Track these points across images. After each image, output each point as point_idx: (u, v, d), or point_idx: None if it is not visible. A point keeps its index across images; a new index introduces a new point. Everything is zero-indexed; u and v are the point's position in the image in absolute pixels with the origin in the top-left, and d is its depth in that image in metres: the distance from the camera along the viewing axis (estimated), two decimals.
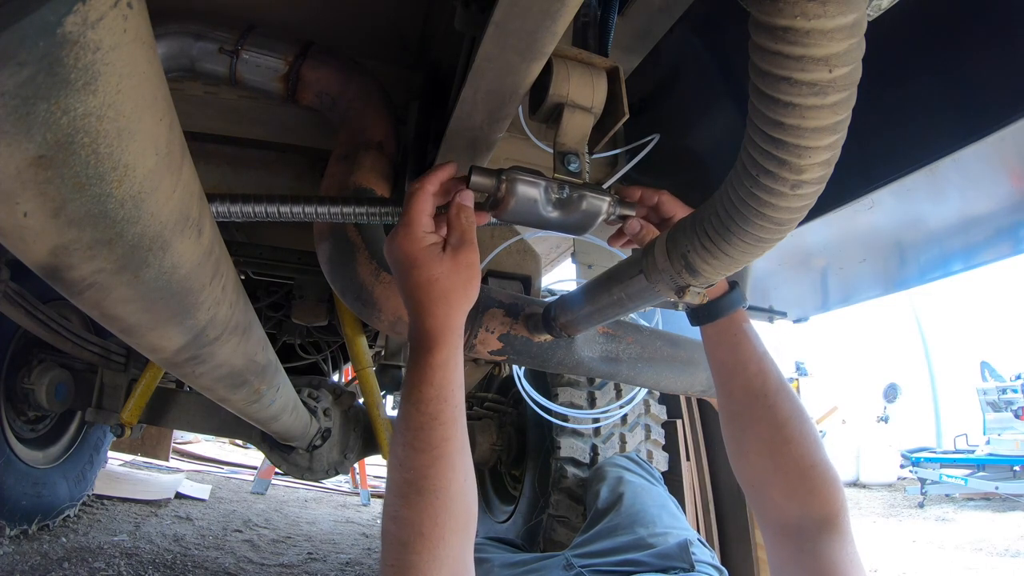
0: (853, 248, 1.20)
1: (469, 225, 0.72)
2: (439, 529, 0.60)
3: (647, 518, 1.48)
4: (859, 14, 0.39)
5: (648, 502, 1.57)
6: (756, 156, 0.48)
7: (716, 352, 0.84)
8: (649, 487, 1.68)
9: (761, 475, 0.77)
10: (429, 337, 0.67)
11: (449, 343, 0.67)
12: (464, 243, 0.71)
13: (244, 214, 0.80)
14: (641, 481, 1.69)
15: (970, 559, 5.22)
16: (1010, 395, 8.58)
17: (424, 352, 0.67)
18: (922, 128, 0.84)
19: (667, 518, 1.50)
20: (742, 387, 0.80)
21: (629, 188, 0.84)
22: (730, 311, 0.81)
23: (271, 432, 1.96)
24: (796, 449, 0.74)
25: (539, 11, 0.59)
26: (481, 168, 0.73)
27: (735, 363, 0.81)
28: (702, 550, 1.34)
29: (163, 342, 0.72)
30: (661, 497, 1.63)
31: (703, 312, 0.82)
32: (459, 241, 0.71)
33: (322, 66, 1.16)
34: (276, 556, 2.98)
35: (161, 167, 0.46)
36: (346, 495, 5.34)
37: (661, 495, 1.65)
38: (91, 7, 0.31)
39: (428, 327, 0.68)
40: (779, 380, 0.79)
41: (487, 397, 2.50)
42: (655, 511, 1.52)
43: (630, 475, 1.71)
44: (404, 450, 0.64)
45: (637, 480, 1.69)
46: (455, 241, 0.71)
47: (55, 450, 2.75)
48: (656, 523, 1.46)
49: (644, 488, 1.65)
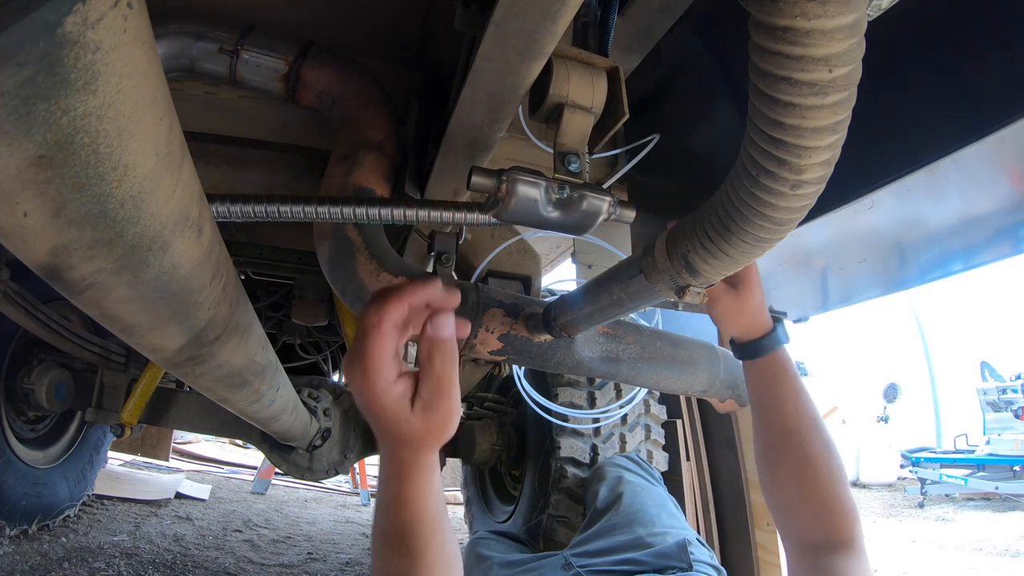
0: (853, 248, 1.20)
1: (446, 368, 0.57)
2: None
3: (646, 517, 1.49)
4: (859, 14, 0.39)
5: (647, 502, 1.57)
6: (756, 156, 0.48)
7: (756, 387, 0.89)
8: (648, 487, 1.68)
9: (788, 501, 0.84)
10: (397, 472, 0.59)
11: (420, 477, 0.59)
12: (440, 396, 0.57)
13: (244, 214, 0.80)
14: (641, 481, 1.70)
15: (970, 559, 5.22)
16: (1010, 395, 8.58)
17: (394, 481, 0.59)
18: (922, 128, 0.84)
19: (666, 517, 1.51)
20: (777, 423, 0.85)
21: None
22: (772, 350, 0.87)
23: (271, 432, 1.96)
24: (821, 483, 0.81)
25: (539, 11, 0.59)
26: (481, 168, 0.73)
27: (772, 400, 0.86)
28: (700, 550, 1.34)
29: (163, 342, 0.72)
30: (660, 497, 1.64)
31: (747, 349, 0.88)
32: (432, 395, 0.56)
33: (322, 66, 1.16)
34: (276, 556, 2.98)
35: (161, 167, 0.46)
36: (346, 495, 5.34)
37: (660, 495, 1.66)
38: (91, 7, 0.31)
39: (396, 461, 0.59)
40: (813, 419, 0.84)
41: (487, 397, 2.50)
42: (654, 511, 1.53)
43: (630, 475, 1.72)
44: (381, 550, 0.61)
45: (637, 480, 1.70)
46: (427, 395, 0.57)
47: (55, 450, 2.75)
48: (655, 522, 1.47)
49: (643, 488, 1.66)
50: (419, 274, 1.02)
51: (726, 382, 1.24)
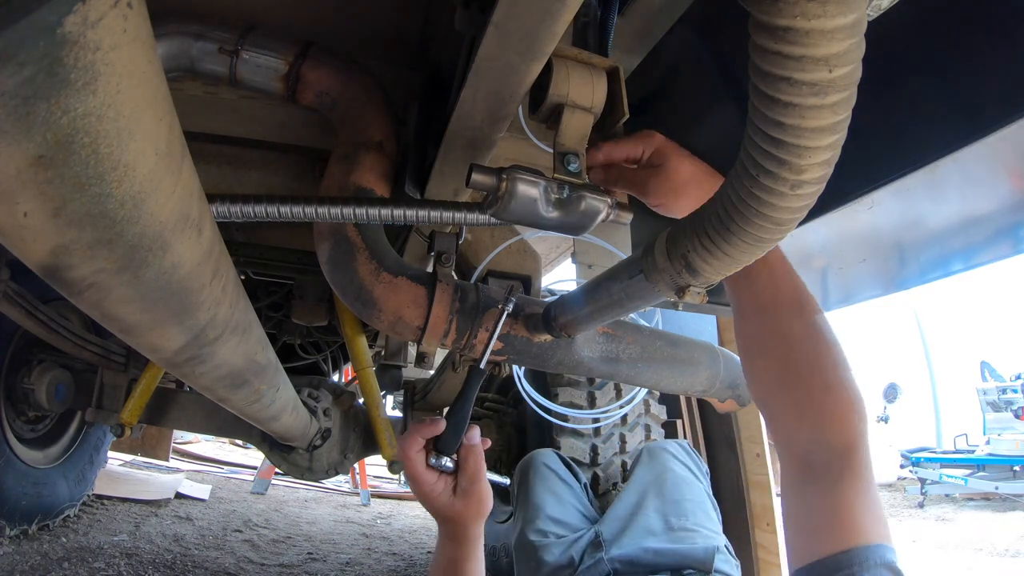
0: (853, 248, 1.20)
1: (478, 464, 0.83)
2: None
3: (680, 509, 1.48)
4: (859, 14, 0.39)
5: (687, 495, 1.55)
6: (756, 156, 0.48)
7: None
8: (692, 480, 1.64)
9: (768, 393, 0.72)
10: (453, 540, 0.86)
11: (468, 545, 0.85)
12: (474, 483, 0.82)
13: (244, 214, 0.80)
14: (685, 472, 1.66)
15: (970, 559, 5.22)
16: (1010, 395, 8.58)
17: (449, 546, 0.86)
18: (922, 128, 0.84)
19: (701, 516, 1.48)
20: (749, 300, 0.74)
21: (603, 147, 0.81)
22: None
23: (271, 432, 1.96)
24: (806, 368, 0.68)
25: (539, 11, 0.59)
26: (481, 166, 0.73)
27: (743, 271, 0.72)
28: (727, 561, 1.31)
29: (163, 342, 0.72)
30: (700, 494, 1.60)
31: None
32: (469, 483, 0.82)
33: (322, 66, 1.16)
34: (276, 556, 2.98)
35: (161, 167, 0.46)
36: (346, 495, 5.34)
37: (701, 492, 1.62)
38: (91, 7, 0.31)
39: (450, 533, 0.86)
40: (793, 294, 0.72)
41: (487, 397, 2.51)
42: (690, 506, 1.51)
43: (675, 463, 1.69)
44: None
45: (681, 470, 1.66)
46: (465, 484, 0.82)
47: (55, 450, 2.75)
48: (688, 517, 1.45)
49: (686, 480, 1.63)
50: (420, 274, 1.02)
51: (726, 382, 1.24)
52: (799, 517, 0.65)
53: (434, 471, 0.83)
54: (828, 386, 0.66)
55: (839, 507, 0.60)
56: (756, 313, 0.74)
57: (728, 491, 2.24)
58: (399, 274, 1.01)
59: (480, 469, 0.83)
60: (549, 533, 1.54)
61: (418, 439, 0.83)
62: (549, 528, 1.56)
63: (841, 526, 0.60)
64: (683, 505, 1.50)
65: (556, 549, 1.48)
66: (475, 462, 0.83)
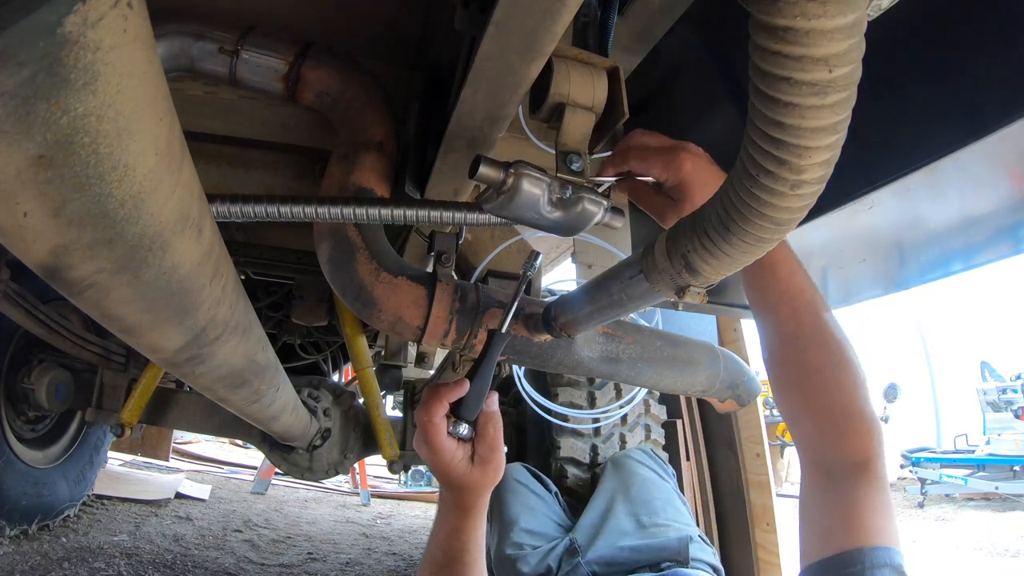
0: (853, 248, 1.20)
1: (497, 432, 0.80)
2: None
3: (650, 507, 1.52)
4: (859, 14, 0.39)
5: (655, 494, 1.61)
6: (756, 156, 0.48)
7: (748, 291, 0.82)
8: (658, 481, 1.72)
9: (793, 413, 0.77)
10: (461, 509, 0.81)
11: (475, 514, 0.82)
12: (495, 451, 0.79)
13: (244, 214, 0.80)
14: (651, 474, 1.73)
15: (970, 559, 5.22)
16: (1010, 395, 8.58)
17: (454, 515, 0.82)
18: (922, 128, 0.84)
19: (671, 511, 1.53)
20: (773, 329, 0.79)
21: None
22: None
23: (271, 432, 1.96)
24: (827, 397, 0.73)
25: (539, 11, 0.59)
26: (489, 159, 0.72)
27: (765, 303, 0.79)
28: (703, 548, 1.34)
29: (163, 342, 0.72)
30: (668, 492, 1.68)
31: None
32: (487, 451, 0.78)
33: (322, 66, 1.16)
34: (276, 556, 2.98)
35: (161, 167, 0.46)
36: (346, 495, 5.34)
37: (668, 490, 1.69)
38: (91, 7, 0.31)
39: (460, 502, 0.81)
40: (814, 326, 0.76)
41: None
42: (659, 503, 1.56)
43: (641, 467, 1.76)
44: None
45: (647, 473, 1.73)
46: (484, 452, 0.78)
47: (55, 450, 2.75)
48: (658, 513, 1.49)
49: (652, 481, 1.70)
50: (420, 274, 1.02)
51: (726, 382, 1.24)
52: (815, 518, 0.70)
53: (453, 439, 0.77)
54: (849, 413, 0.71)
55: (853, 508, 0.65)
56: (780, 346, 0.78)
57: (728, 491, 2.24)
58: (399, 274, 1.01)
59: (499, 437, 0.79)
60: (525, 545, 1.56)
61: (444, 403, 0.76)
62: (524, 540, 1.58)
63: (854, 526, 0.64)
64: (652, 503, 1.55)
65: (532, 559, 1.50)
66: (495, 430, 0.79)
